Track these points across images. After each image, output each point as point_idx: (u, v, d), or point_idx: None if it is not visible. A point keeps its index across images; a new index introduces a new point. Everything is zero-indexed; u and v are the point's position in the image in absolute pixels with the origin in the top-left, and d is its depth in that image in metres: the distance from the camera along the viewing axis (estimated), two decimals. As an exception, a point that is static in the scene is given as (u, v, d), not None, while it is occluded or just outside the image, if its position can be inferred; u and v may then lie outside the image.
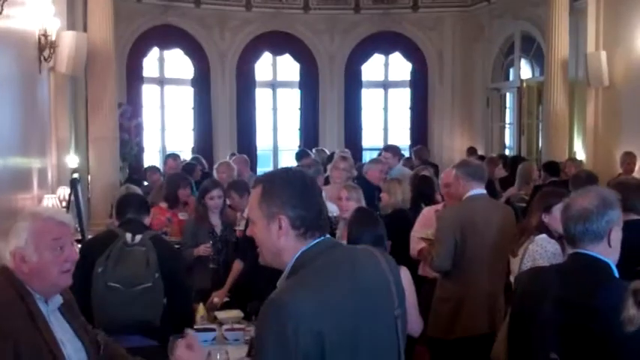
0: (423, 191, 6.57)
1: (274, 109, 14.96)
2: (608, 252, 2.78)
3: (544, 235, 4.06)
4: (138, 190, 5.78)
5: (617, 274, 2.79)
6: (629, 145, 9.63)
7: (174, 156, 9.69)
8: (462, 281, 4.75)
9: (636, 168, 9.33)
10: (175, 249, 4.97)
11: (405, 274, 4.48)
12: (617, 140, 10.05)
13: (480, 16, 14.04)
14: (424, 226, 5.44)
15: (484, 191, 4.94)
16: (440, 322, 4.80)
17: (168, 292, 4.17)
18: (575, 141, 10.88)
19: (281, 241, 2.15)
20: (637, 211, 3.94)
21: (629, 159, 9.33)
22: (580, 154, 10.69)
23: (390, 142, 13.54)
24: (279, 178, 2.23)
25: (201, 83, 14.03)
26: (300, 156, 10.43)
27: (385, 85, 15.32)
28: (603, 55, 10.23)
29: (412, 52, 14.73)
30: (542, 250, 4.00)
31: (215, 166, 7.81)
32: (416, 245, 5.45)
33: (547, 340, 2.74)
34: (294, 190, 2.17)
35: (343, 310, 2.04)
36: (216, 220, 5.91)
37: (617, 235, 2.80)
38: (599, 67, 10.19)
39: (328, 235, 2.22)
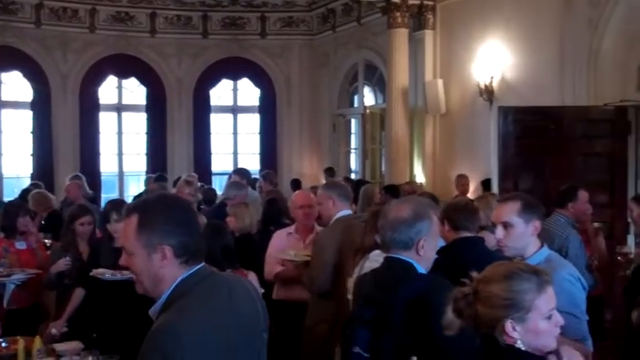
0: (272, 215, 6.66)
1: (119, 132, 14.56)
2: (418, 259, 2.94)
3: (377, 251, 4.20)
4: None
5: (421, 271, 2.94)
6: (464, 168, 10.22)
7: None
8: (339, 302, 4.74)
9: (470, 189, 9.91)
10: None
11: (253, 278, 4.64)
12: (453, 164, 10.64)
13: (325, 44, 14.43)
14: (279, 249, 5.44)
15: (350, 211, 5.07)
16: (317, 344, 4.78)
17: None
18: (415, 165, 11.38)
19: (162, 271, 2.09)
20: (468, 229, 4.14)
21: (462, 181, 9.92)
22: (420, 177, 11.20)
23: (239, 167, 13.55)
24: (158, 205, 2.15)
25: (41, 106, 13.41)
26: (157, 180, 10.40)
27: (234, 109, 15.35)
28: (440, 83, 10.81)
29: (260, 77, 14.88)
30: (376, 264, 4.13)
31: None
32: (273, 268, 5.44)
33: (354, 335, 2.89)
34: (175, 217, 2.11)
35: (226, 336, 2.07)
36: (84, 247, 5.65)
37: (428, 246, 2.96)
38: (436, 94, 10.76)
39: (204, 263, 2.19)
